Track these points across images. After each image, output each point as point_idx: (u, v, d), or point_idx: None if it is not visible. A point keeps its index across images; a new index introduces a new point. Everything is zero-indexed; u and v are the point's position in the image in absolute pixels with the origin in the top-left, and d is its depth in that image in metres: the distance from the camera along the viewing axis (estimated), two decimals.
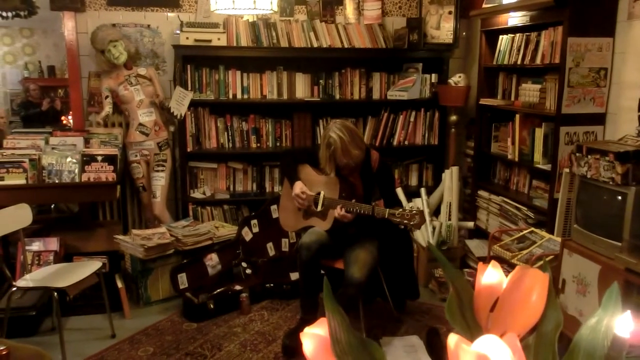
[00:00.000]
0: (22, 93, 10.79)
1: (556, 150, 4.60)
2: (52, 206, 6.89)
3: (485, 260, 5.02)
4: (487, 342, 0.69)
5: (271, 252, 5.65)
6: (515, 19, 5.17)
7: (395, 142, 6.42)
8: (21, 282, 4.22)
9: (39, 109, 9.64)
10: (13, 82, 10.98)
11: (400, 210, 3.98)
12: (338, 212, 4.16)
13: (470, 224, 5.87)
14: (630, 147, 3.48)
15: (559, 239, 4.11)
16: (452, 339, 0.70)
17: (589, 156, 3.60)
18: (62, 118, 8.80)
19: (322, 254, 4.35)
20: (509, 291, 0.85)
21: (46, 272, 4.37)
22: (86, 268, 4.38)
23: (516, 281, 0.85)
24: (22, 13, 5.82)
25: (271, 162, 6.26)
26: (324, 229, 4.42)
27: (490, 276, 0.89)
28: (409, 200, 5.88)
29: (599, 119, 4.55)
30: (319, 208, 4.43)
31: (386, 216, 4.00)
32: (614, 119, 4.48)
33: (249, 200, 6.25)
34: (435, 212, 5.89)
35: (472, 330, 0.84)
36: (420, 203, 5.72)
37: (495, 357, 0.67)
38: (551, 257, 3.99)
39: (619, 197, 3.41)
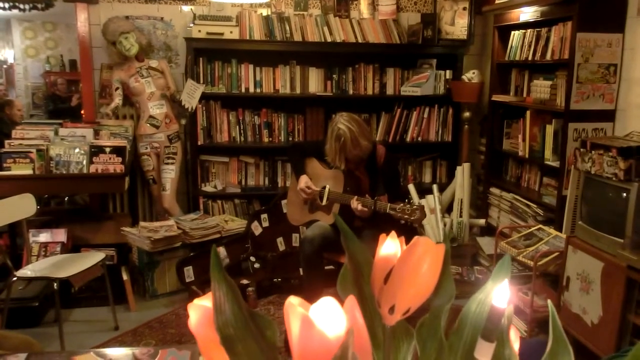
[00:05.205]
0: (43, 86, 10.89)
1: (565, 147, 4.53)
2: (66, 198, 6.92)
3: (493, 257, 4.96)
4: (319, 305, 0.67)
5: (281, 246, 5.62)
6: (527, 14, 5.11)
7: (408, 139, 6.35)
8: (22, 272, 4.22)
9: (67, 103, 9.72)
10: (35, 75, 11.09)
11: (401, 205, 3.93)
12: (356, 206, 4.12)
13: (482, 221, 5.80)
14: (634, 142, 3.41)
15: (565, 236, 4.04)
16: (289, 300, 0.68)
17: (593, 152, 3.53)
18: (82, 112, 8.86)
19: (326, 247, 4.31)
20: (401, 262, 0.81)
21: (48, 263, 4.38)
22: (89, 259, 4.39)
23: (408, 252, 0.81)
24: (39, 5, 5.83)
25: (283, 157, 6.21)
26: (329, 223, 4.39)
27: (388, 247, 0.85)
28: (422, 196, 5.82)
29: (609, 115, 4.46)
30: (324, 202, 4.40)
31: (387, 211, 3.96)
32: (623, 115, 4.39)
33: (260, 195, 6.23)
34: (449, 209, 5.82)
35: (364, 303, 0.80)
36: (433, 200, 5.66)
37: (316, 318, 0.64)
38: (556, 254, 3.92)
39: (622, 193, 3.34)
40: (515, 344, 0.80)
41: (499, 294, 0.72)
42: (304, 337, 0.63)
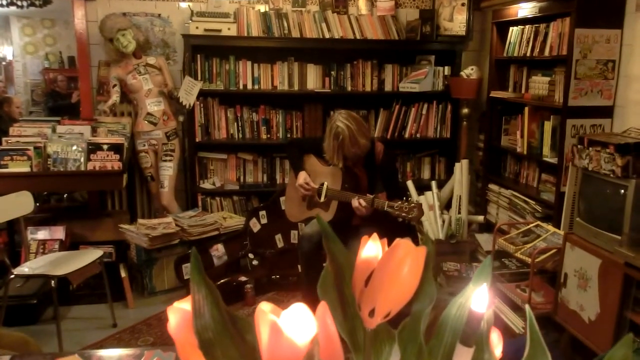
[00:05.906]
0: (42, 83, 10.86)
1: (563, 144, 4.51)
2: (65, 195, 6.91)
3: (490, 254, 4.94)
4: (289, 312, 0.68)
5: (280, 243, 5.62)
6: (525, 10, 5.09)
7: (406, 135, 6.33)
8: (20, 270, 4.22)
9: (68, 100, 9.69)
10: (34, 72, 11.06)
11: (399, 203, 3.93)
12: (355, 203, 4.11)
13: (480, 218, 5.79)
14: (632, 139, 3.40)
15: (563, 233, 4.03)
16: (260, 307, 0.67)
17: (590, 148, 3.52)
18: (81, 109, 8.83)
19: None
20: (381, 265, 0.80)
21: (46, 260, 4.38)
22: (86, 256, 4.39)
23: (388, 255, 0.80)
24: (37, 2, 5.83)
25: (282, 154, 6.19)
26: (327, 220, 4.37)
27: (369, 250, 0.85)
28: (420, 193, 5.80)
29: (607, 111, 4.45)
30: (322, 199, 4.39)
31: (385, 208, 3.95)
32: (621, 111, 4.38)
33: (259, 192, 6.21)
34: (448, 206, 5.81)
35: (344, 306, 0.79)
36: (431, 196, 5.65)
37: (285, 325, 0.64)
38: (554, 250, 3.91)
39: (620, 190, 3.33)
40: (497, 348, 0.80)
41: (478, 298, 0.71)
42: (272, 344, 0.63)
